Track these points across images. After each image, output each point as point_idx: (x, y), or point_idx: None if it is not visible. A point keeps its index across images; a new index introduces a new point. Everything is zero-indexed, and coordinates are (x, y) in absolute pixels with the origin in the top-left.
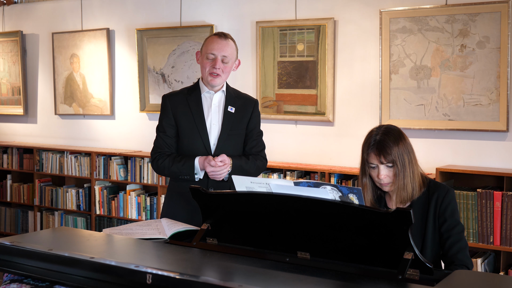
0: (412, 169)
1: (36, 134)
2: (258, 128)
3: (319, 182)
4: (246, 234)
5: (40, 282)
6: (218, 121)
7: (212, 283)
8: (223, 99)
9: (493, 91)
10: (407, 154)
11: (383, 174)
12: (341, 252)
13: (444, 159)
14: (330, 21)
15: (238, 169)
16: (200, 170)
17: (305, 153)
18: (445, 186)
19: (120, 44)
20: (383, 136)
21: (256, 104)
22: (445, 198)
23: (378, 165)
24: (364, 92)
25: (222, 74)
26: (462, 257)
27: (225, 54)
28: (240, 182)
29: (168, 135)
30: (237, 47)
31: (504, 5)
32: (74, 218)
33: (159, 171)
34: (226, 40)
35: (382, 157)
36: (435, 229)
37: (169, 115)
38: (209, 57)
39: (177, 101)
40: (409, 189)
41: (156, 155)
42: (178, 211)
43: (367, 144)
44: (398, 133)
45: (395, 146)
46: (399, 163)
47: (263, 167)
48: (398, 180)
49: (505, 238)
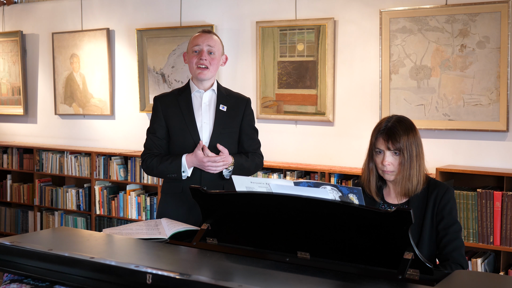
0: (419, 162)
1: (36, 134)
2: (252, 125)
3: (319, 182)
4: (246, 234)
5: (40, 282)
6: (209, 120)
7: (212, 283)
8: (214, 97)
9: (493, 91)
10: (416, 147)
11: (387, 160)
12: (341, 252)
13: (444, 159)
14: (330, 21)
15: (239, 167)
16: (187, 168)
17: (305, 153)
18: (444, 184)
19: (120, 44)
20: (395, 123)
21: (249, 102)
22: (444, 196)
23: (384, 150)
24: (364, 92)
25: (209, 67)
26: (457, 256)
27: (210, 44)
28: (240, 182)
29: (158, 137)
30: (223, 44)
31: (504, 5)
32: (74, 218)
33: (148, 171)
34: (210, 34)
35: (390, 142)
36: (432, 227)
37: (159, 117)
38: (194, 49)
39: (167, 102)
40: (415, 182)
41: (145, 156)
42: (172, 211)
43: (378, 129)
44: (410, 125)
45: (405, 135)
46: (406, 153)
47: (261, 165)
48: (404, 170)
49: (505, 238)
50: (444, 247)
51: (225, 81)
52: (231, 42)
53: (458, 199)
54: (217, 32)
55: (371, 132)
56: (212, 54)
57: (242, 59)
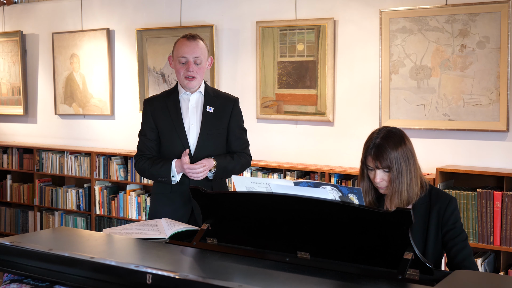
0: (409, 175)
1: (36, 134)
2: (240, 125)
3: (319, 182)
4: (246, 234)
5: (40, 282)
6: (196, 122)
7: (212, 283)
8: (201, 99)
9: (493, 91)
10: (405, 161)
11: (378, 177)
12: (341, 252)
13: (444, 159)
14: (330, 21)
15: (222, 170)
16: (177, 173)
17: (305, 153)
18: (447, 195)
19: (120, 44)
20: (382, 141)
21: (236, 102)
22: (448, 207)
23: (374, 168)
24: (364, 92)
25: (197, 76)
26: (469, 264)
27: (196, 55)
28: (240, 182)
29: (149, 138)
30: (207, 46)
31: (504, 5)
32: (74, 218)
33: (140, 172)
34: (196, 41)
35: (378, 162)
36: (437, 238)
37: (149, 119)
38: (181, 61)
39: (156, 105)
40: (404, 196)
41: (137, 158)
42: (162, 210)
43: (366, 146)
44: (399, 138)
45: (393, 151)
46: (395, 170)
47: (248, 164)
48: (393, 185)
49: (505, 238)
50: (455, 257)
51: (225, 81)
52: (231, 42)
53: (458, 199)
54: (217, 32)
55: (363, 145)
56: (199, 64)
57: (242, 59)
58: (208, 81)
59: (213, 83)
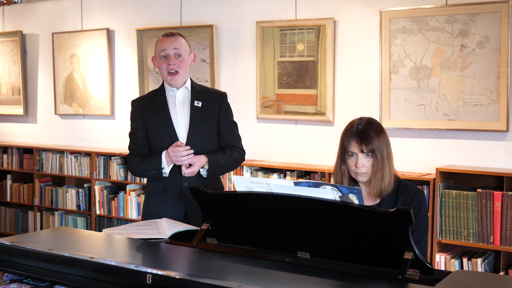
0: (389, 163)
1: (36, 134)
2: (230, 119)
3: (319, 182)
4: (246, 234)
5: (40, 282)
6: (184, 117)
7: (212, 283)
8: (188, 94)
9: (493, 91)
10: (386, 148)
11: (360, 163)
12: (341, 252)
13: (444, 159)
14: (330, 21)
15: (215, 165)
16: (167, 166)
17: (305, 153)
18: (414, 187)
19: (120, 44)
20: (366, 126)
21: (224, 97)
22: (413, 199)
23: (357, 153)
24: (364, 92)
25: (179, 70)
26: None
27: (175, 47)
28: (240, 182)
29: (139, 137)
30: (188, 42)
31: (504, 5)
32: (74, 218)
33: (132, 171)
34: (174, 36)
35: (363, 145)
36: None
37: (138, 119)
38: (161, 55)
39: (143, 104)
40: (386, 182)
41: (129, 157)
42: (155, 210)
43: (349, 132)
44: (379, 126)
45: (376, 137)
46: (379, 154)
47: (242, 159)
48: (377, 171)
49: (505, 238)
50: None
51: (225, 81)
52: (231, 42)
53: (458, 199)
54: (217, 32)
55: (341, 135)
56: (179, 57)
57: (242, 59)
58: (208, 81)
59: (213, 83)
